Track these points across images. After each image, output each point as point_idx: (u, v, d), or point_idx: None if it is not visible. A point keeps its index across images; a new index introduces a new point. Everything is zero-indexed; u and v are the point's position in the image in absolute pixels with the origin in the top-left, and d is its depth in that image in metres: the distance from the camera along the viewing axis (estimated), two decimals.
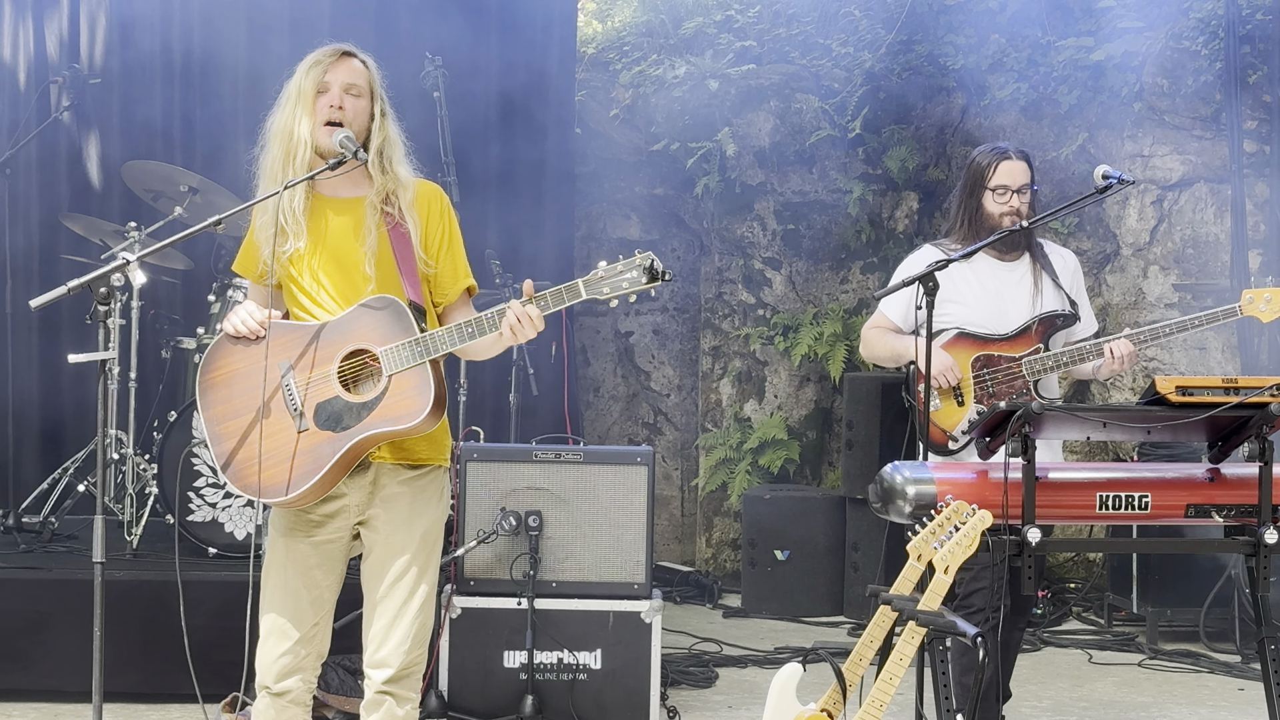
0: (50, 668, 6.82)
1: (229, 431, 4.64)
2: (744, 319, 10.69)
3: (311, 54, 4.77)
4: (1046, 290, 6.05)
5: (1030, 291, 6.03)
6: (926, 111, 10.10)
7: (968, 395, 5.93)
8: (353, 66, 4.74)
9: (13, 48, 9.39)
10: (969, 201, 6.06)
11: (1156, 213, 9.73)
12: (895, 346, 6.11)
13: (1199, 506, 4.78)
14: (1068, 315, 6.05)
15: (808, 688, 4.89)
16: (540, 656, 6.75)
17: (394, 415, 4.45)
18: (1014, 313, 5.99)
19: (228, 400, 4.67)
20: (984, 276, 5.97)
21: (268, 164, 4.75)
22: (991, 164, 6.00)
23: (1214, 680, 7.98)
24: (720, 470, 10.52)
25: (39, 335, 9.12)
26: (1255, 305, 5.98)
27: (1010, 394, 5.87)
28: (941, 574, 4.49)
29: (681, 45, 10.72)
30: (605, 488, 6.85)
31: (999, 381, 5.92)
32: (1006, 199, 5.97)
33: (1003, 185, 5.97)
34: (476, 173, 9.15)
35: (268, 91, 4.93)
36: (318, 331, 4.60)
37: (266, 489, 4.56)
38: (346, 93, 4.69)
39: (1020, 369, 5.92)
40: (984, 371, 5.93)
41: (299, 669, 4.69)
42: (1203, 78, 9.43)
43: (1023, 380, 5.92)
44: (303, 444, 4.53)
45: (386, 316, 4.53)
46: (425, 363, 4.44)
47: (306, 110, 4.67)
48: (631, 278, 4.27)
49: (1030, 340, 5.97)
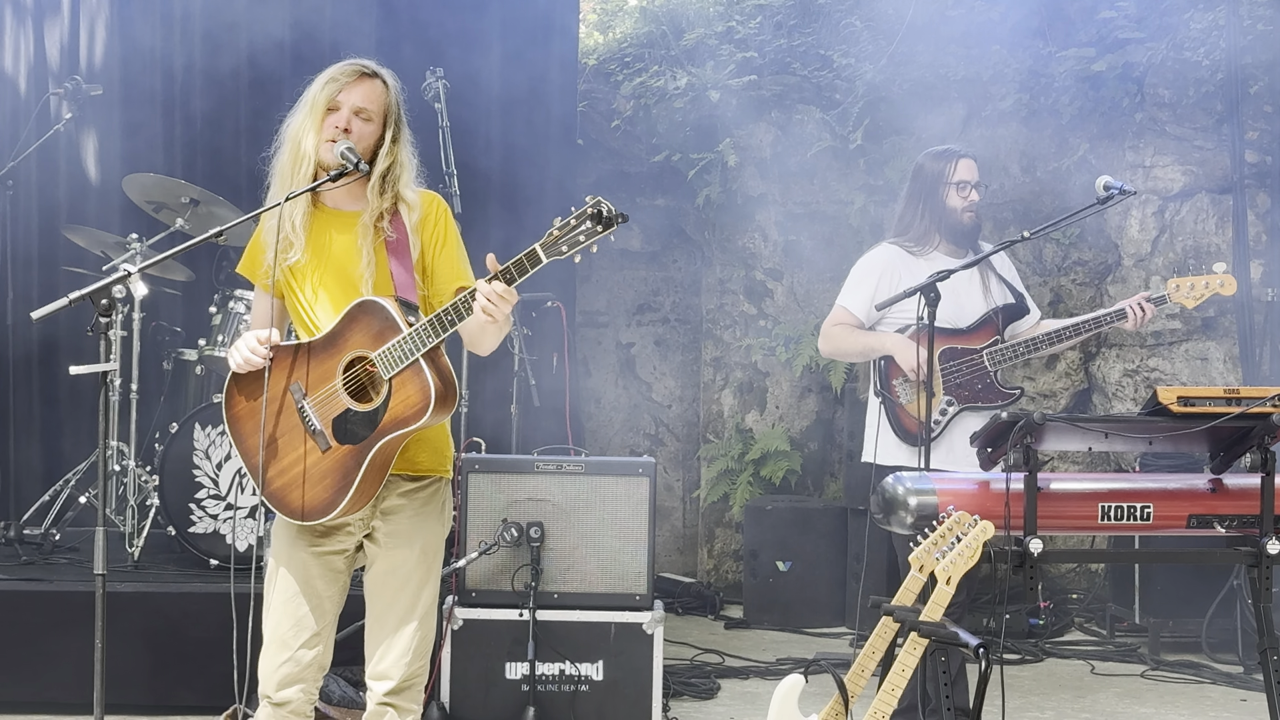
0: (51, 680, 6.81)
1: (263, 462, 4.68)
2: (745, 330, 10.69)
3: (336, 65, 4.75)
4: (993, 284, 6.44)
5: (980, 286, 6.40)
6: (928, 122, 10.09)
7: (938, 386, 6.18)
8: (370, 89, 4.71)
9: (14, 58, 9.39)
10: (929, 199, 6.42)
11: (1158, 223, 9.73)
12: (867, 341, 6.36)
13: (1201, 517, 4.79)
14: (1020, 307, 6.46)
15: (810, 699, 4.89)
16: (542, 668, 6.75)
17: (402, 417, 4.45)
18: (969, 306, 6.34)
19: (255, 433, 4.69)
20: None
21: (279, 166, 4.75)
22: (951, 162, 6.40)
23: (1216, 691, 7.97)
24: (722, 481, 10.51)
25: (40, 347, 9.12)
26: (1181, 292, 6.39)
27: (973, 383, 6.23)
28: (943, 585, 4.49)
29: (683, 56, 10.73)
30: (607, 499, 6.85)
31: (963, 372, 6.23)
32: (968, 193, 6.37)
33: (964, 180, 6.36)
34: (478, 184, 9.15)
35: (269, 102, 4.95)
36: (315, 347, 4.62)
37: (309, 511, 4.59)
38: (356, 115, 4.67)
39: (982, 359, 6.25)
40: (950, 364, 6.23)
41: (300, 679, 4.70)
42: (1204, 88, 9.43)
43: (984, 369, 6.25)
44: (330, 462, 4.55)
45: (373, 320, 4.52)
46: (418, 359, 4.43)
47: (315, 125, 4.66)
48: (587, 229, 4.22)
49: (990, 332, 6.32)
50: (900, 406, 6.20)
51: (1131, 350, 9.61)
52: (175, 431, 7.48)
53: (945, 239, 6.38)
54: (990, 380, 6.22)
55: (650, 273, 11.07)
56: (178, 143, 9.43)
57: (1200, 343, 9.60)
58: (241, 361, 4.60)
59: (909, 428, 6.18)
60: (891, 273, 6.31)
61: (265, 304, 4.82)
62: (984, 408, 6.15)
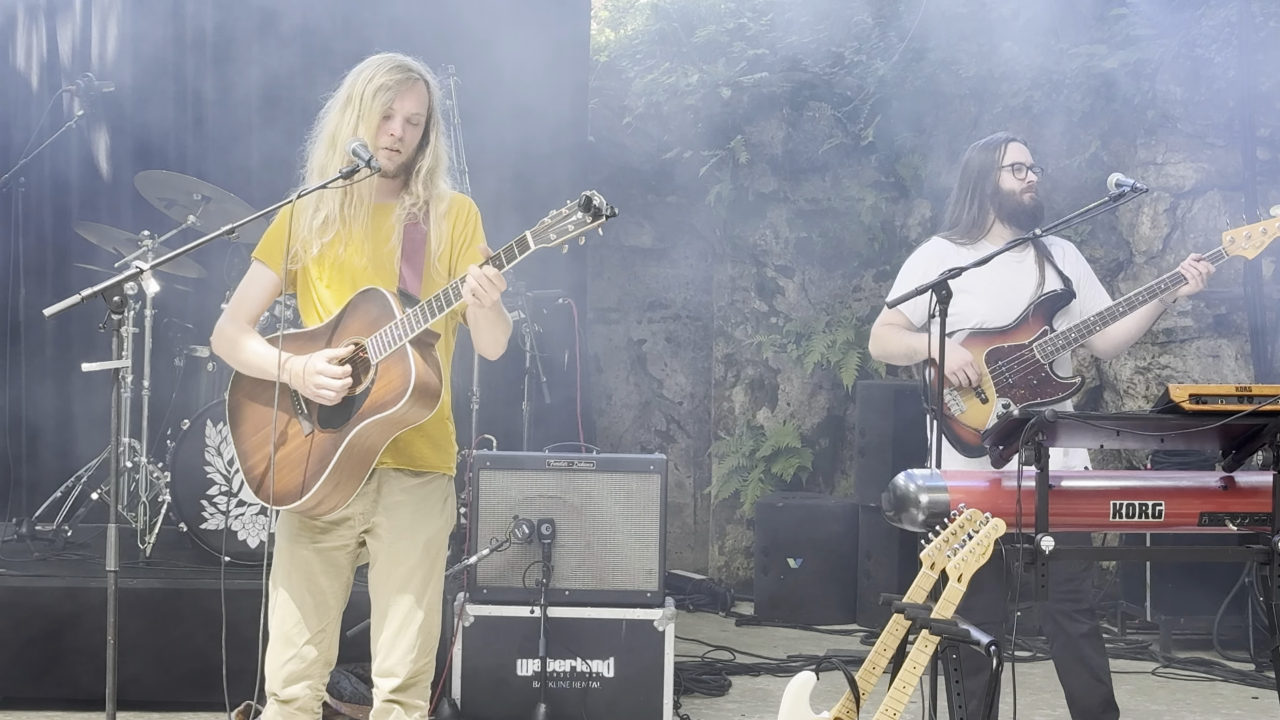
0: (63, 676, 6.83)
1: (253, 447, 4.73)
2: (757, 327, 10.69)
3: (382, 66, 4.69)
4: (1050, 278, 6.16)
5: (1036, 281, 6.14)
6: (939, 119, 10.08)
7: (989, 391, 5.97)
8: (420, 95, 4.70)
9: (26, 55, 9.42)
10: (979, 188, 6.20)
11: (1169, 220, 9.71)
12: (910, 343, 6.16)
13: (1213, 514, 4.77)
14: (1063, 293, 6.14)
15: (821, 696, 4.89)
16: (553, 665, 6.75)
17: (380, 401, 4.46)
18: (1015, 302, 6.10)
19: (251, 417, 4.75)
20: (993, 267, 5.96)
21: (317, 163, 4.73)
22: (999, 147, 6.20)
23: (1227, 689, 7.96)
24: (733, 478, 10.51)
25: (52, 343, 9.14)
26: (1237, 245, 5.99)
27: (1028, 380, 5.96)
28: (955, 582, 4.49)
29: (694, 53, 10.72)
30: (618, 496, 6.86)
31: (1015, 371, 5.99)
32: (1024, 175, 6.14)
33: (1017, 162, 6.15)
34: (489, 180, 9.15)
35: (281, 99, 4.93)
36: (318, 334, 4.65)
37: (280, 495, 4.59)
38: (409, 122, 4.67)
39: (1032, 353, 6.00)
40: (999, 364, 6.00)
41: (305, 675, 4.71)
42: (1216, 85, 9.41)
43: (1037, 364, 5.99)
44: (310, 447, 4.56)
45: (371, 307, 4.54)
46: (405, 344, 4.43)
47: (370, 132, 4.64)
48: (577, 219, 4.24)
49: (1035, 325, 6.05)
50: (954, 420, 6.00)
51: (1143, 347, 9.59)
52: (187, 428, 7.48)
53: (1006, 224, 6.15)
54: (1046, 373, 5.98)
55: (661, 269, 11.07)
56: (189, 139, 9.44)
57: (1212, 340, 9.58)
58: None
59: (967, 439, 5.97)
60: (938, 266, 5.99)
61: (267, 283, 4.81)
62: (1044, 403, 5.90)
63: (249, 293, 4.85)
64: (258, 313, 4.85)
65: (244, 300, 4.84)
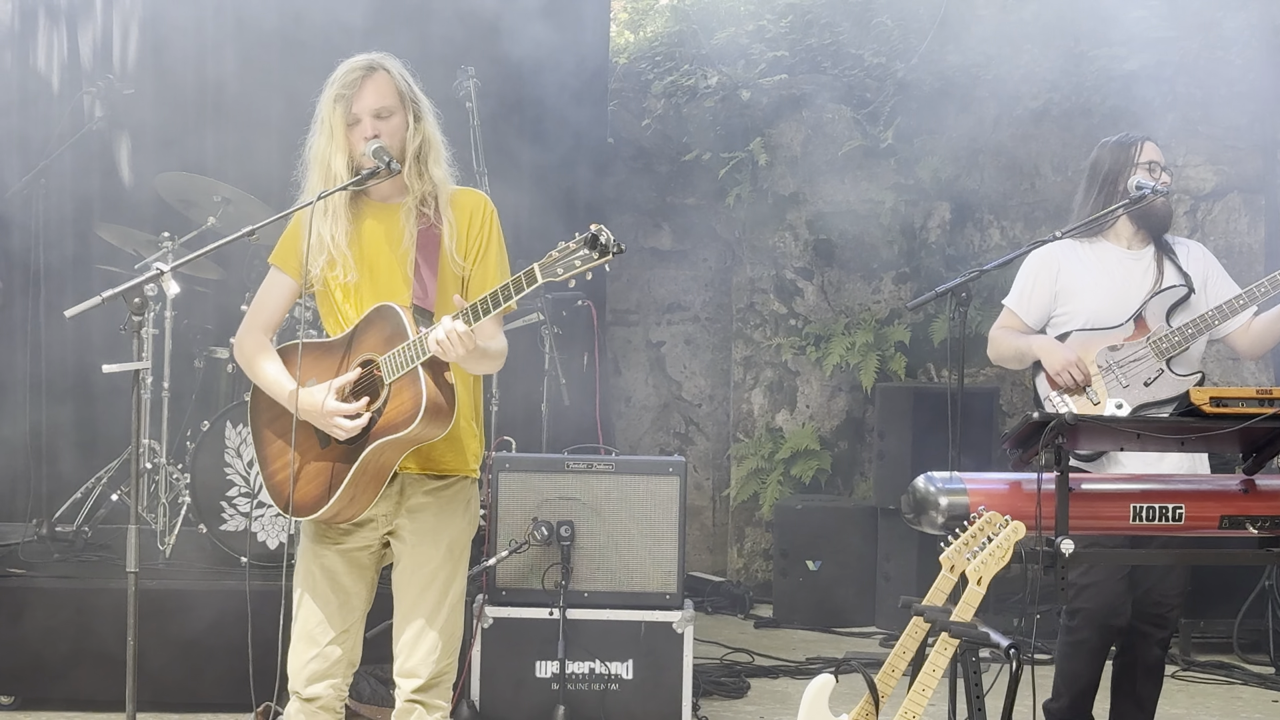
0: (83, 677, 6.85)
1: (273, 454, 4.75)
2: (776, 329, 10.68)
3: (336, 75, 4.71)
4: (1169, 276, 5.97)
5: (1154, 280, 5.95)
6: (959, 121, 10.07)
7: (1100, 392, 5.81)
8: (377, 84, 4.67)
9: (47, 57, 9.44)
10: (1111, 188, 5.98)
11: (1190, 223, 9.68)
12: (1019, 346, 5.99)
13: (1233, 518, 4.76)
14: (1178, 288, 5.93)
15: (840, 699, 4.88)
16: (572, 667, 6.76)
17: (392, 422, 4.47)
18: (1134, 302, 5.91)
19: (271, 423, 4.76)
20: (1110, 265, 5.92)
21: (309, 189, 4.73)
22: (1134, 145, 5.99)
23: (1247, 692, 7.95)
24: (752, 480, 10.51)
25: (73, 345, 9.16)
26: None
27: (1143, 379, 5.80)
28: (974, 585, 4.48)
29: (714, 55, 10.73)
30: (637, 498, 6.86)
31: (1128, 370, 5.82)
32: (1159, 174, 5.95)
33: (1153, 161, 5.97)
34: (509, 182, 9.15)
35: (301, 102, 4.92)
36: (335, 346, 4.66)
37: (300, 507, 4.64)
38: (377, 118, 4.65)
39: (1149, 350, 5.82)
40: (1111, 364, 5.84)
41: (328, 675, 4.72)
42: (1236, 87, 9.38)
43: (1153, 362, 5.82)
44: (325, 461, 4.59)
45: (386, 324, 4.54)
46: (417, 366, 4.43)
47: (340, 147, 4.64)
48: (584, 255, 4.22)
49: (1149, 323, 5.87)
50: None
51: None
52: (207, 429, 7.49)
53: (1136, 225, 5.98)
54: (1163, 371, 5.81)
55: (680, 271, 11.07)
56: (209, 141, 9.45)
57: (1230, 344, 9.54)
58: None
59: None
60: (1052, 265, 5.96)
61: (285, 289, 4.81)
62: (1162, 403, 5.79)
63: (266, 301, 4.85)
64: (277, 320, 4.86)
65: (262, 308, 4.85)
